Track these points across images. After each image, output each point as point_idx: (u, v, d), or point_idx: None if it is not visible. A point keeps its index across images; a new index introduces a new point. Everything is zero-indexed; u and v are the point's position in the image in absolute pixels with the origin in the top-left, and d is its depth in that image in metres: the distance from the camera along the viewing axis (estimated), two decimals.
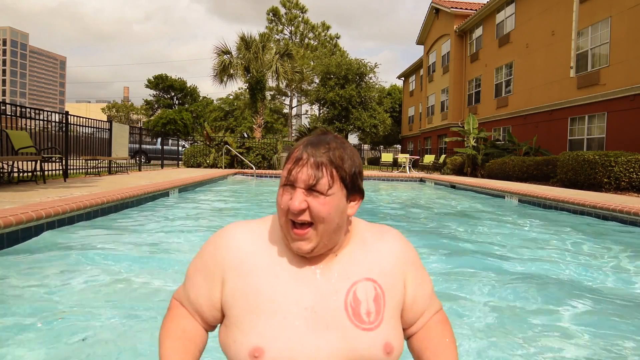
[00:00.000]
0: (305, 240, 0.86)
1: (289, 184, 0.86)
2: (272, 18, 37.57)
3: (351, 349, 0.85)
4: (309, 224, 0.86)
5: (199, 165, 18.38)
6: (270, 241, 0.93)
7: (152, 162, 22.73)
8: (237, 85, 59.86)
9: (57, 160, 8.87)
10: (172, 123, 27.76)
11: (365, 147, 37.16)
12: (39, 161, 7.18)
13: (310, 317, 0.85)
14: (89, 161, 10.58)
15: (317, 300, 0.87)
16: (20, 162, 7.52)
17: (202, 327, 0.97)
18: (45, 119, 8.49)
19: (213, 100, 47.17)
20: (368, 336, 0.86)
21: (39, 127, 8.47)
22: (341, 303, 0.88)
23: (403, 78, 38.03)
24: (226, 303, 0.90)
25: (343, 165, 0.87)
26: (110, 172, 11.49)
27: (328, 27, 39.04)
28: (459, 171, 17.88)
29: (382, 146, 40.48)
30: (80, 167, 10.10)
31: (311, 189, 0.84)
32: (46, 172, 8.04)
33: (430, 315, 1.02)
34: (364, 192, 0.95)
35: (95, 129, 10.80)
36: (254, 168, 15.71)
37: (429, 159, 22.59)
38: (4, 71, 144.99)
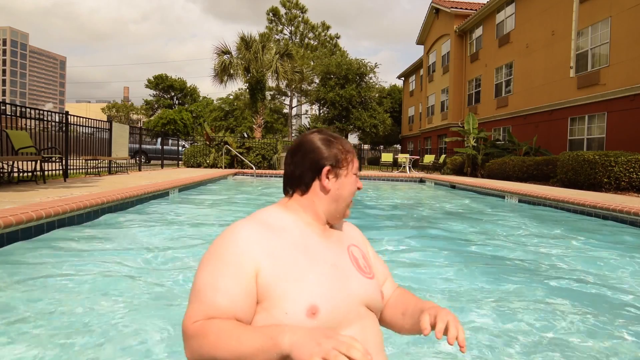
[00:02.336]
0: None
1: (355, 172, 1.15)
2: (272, 18, 37.54)
3: (365, 292, 1.06)
4: None
5: (199, 165, 18.38)
6: (282, 225, 1.06)
7: (152, 162, 22.72)
8: (237, 85, 59.90)
9: (57, 160, 8.87)
10: (172, 123, 27.79)
11: (365, 147, 37.15)
12: (39, 161, 7.18)
13: (335, 272, 1.03)
14: (89, 161, 10.58)
15: (334, 258, 1.06)
16: (20, 162, 7.51)
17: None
18: (45, 118, 8.49)
19: (213, 100, 47.16)
20: (371, 283, 1.10)
21: (39, 127, 8.47)
22: (347, 258, 1.10)
23: (403, 78, 38.02)
24: (267, 285, 0.94)
25: None
26: (110, 172, 11.49)
27: (328, 27, 39.02)
28: (459, 171, 17.88)
29: (382, 146, 40.48)
30: (80, 167, 10.10)
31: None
32: (46, 172, 8.04)
33: (394, 287, 1.28)
34: None
35: (95, 129, 10.80)
36: (254, 168, 15.71)
37: (429, 159, 22.59)
38: (4, 71, 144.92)
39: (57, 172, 9.02)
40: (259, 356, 0.82)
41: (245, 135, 29.72)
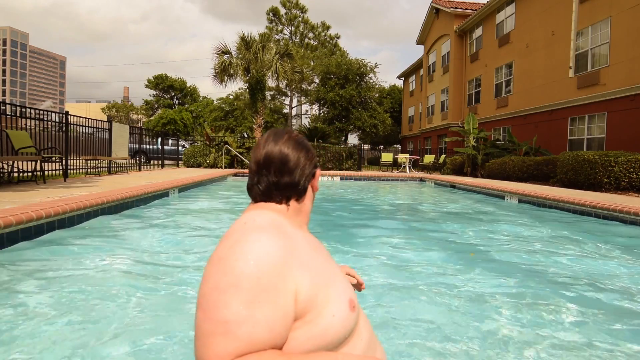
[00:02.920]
0: None
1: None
2: (272, 18, 37.53)
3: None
4: None
5: (199, 165, 18.38)
6: (286, 232, 0.97)
7: (152, 162, 22.72)
8: (237, 85, 59.88)
9: (57, 160, 8.87)
10: (172, 123, 27.78)
11: (365, 147, 37.14)
12: (39, 161, 7.18)
13: (337, 266, 1.09)
14: (89, 161, 10.58)
15: (329, 254, 1.12)
16: (20, 162, 7.51)
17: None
18: (45, 118, 8.49)
19: (213, 100, 47.16)
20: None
21: (39, 127, 8.47)
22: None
23: (403, 78, 38.02)
24: (310, 299, 0.87)
25: None
26: (110, 172, 11.49)
27: (328, 27, 39.00)
28: (459, 171, 17.88)
29: (382, 146, 40.47)
30: (80, 167, 10.10)
31: None
32: (46, 172, 8.04)
33: None
34: None
35: (95, 129, 10.80)
36: None
37: (429, 159, 22.59)
38: (4, 71, 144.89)
39: (57, 172, 9.03)
40: None
41: (245, 135, 29.72)
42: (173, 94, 50.79)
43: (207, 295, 0.83)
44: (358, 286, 1.41)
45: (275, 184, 1.04)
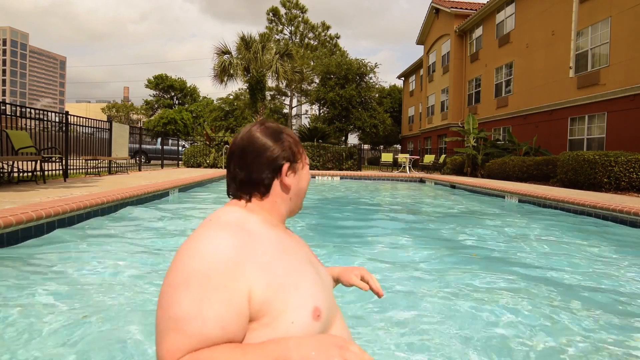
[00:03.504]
0: None
1: (308, 162, 1.12)
2: (272, 18, 37.53)
3: (330, 281, 1.14)
4: None
5: (199, 165, 18.38)
6: (252, 230, 0.95)
7: (152, 162, 22.72)
8: (237, 86, 59.88)
9: (57, 160, 8.87)
10: (172, 123, 27.77)
11: (365, 147, 37.15)
12: (39, 161, 7.18)
13: (313, 268, 1.02)
14: (89, 161, 10.58)
15: (308, 256, 1.07)
16: (20, 162, 7.51)
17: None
18: (45, 118, 8.49)
19: (213, 100, 47.17)
20: (327, 271, 1.18)
21: (39, 127, 8.47)
22: (312, 253, 1.13)
23: (403, 78, 38.02)
24: (264, 302, 0.85)
25: None
26: (110, 172, 11.49)
27: (328, 27, 39.00)
28: (459, 171, 17.88)
29: (382, 146, 40.46)
30: (80, 167, 10.10)
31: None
32: (46, 172, 8.04)
33: None
34: None
35: (95, 129, 10.80)
36: None
37: (429, 158, 22.59)
38: (4, 71, 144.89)
39: (57, 172, 9.03)
40: None
41: None
42: (173, 94, 50.81)
43: (163, 293, 0.84)
44: (376, 293, 1.24)
45: (233, 179, 1.03)
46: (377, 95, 29.49)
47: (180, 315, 0.79)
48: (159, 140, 24.03)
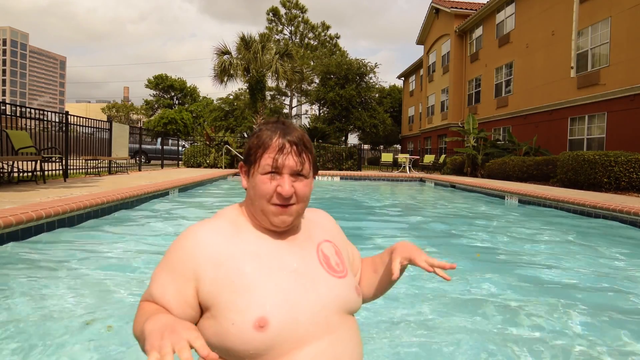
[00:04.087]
0: (288, 214, 0.97)
1: (275, 172, 0.95)
2: (272, 18, 37.53)
3: (337, 295, 0.97)
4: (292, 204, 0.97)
5: (199, 165, 18.38)
6: (237, 229, 1.00)
7: (152, 162, 22.72)
8: (237, 86, 59.84)
9: (57, 160, 8.87)
10: (172, 123, 27.77)
11: (365, 147, 37.15)
12: (39, 161, 7.18)
13: (297, 278, 0.94)
14: (89, 161, 10.58)
15: (297, 263, 0.97)
16: (20, 162, 7.51)
17: None
18: (45, 118, 8.49)
19: (213, 100, 47.17)
20: (344, 282, 1.01)
21: (39, 127, 8.47)
22: (315, 260, 1.00)
23: (403, 78, 38.03)
24: (210, 294, 0.91)
25: (312, 149, 1.01)
26: (110, 172, 11.49)
27: (328, 27, 39.00)
28: (459, 171, 17.88)
29: (382, 146, 40.46)
30: (80, 167, 10.10)
31: (297, 174, 0.96)
32: (46, 172, 8.04)
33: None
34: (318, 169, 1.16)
35: (95, 129, 10.80)
36: None
37: (429, 159, 22.59)
38: (4, 71, 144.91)
39: (57, 172, 9.03)
40: (142, 340, 0.81)
41: (245, 135, 29.70)
42: (173, 94, 50.82)
43: None
44: (444, 271, 1.04)
45: None
46: (377, 95, 29.49)
47: (152, 275, 0.99)
48: (159, 140, 24.04)
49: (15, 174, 7.34)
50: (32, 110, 8.06)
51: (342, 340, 0.93)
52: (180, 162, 20.30)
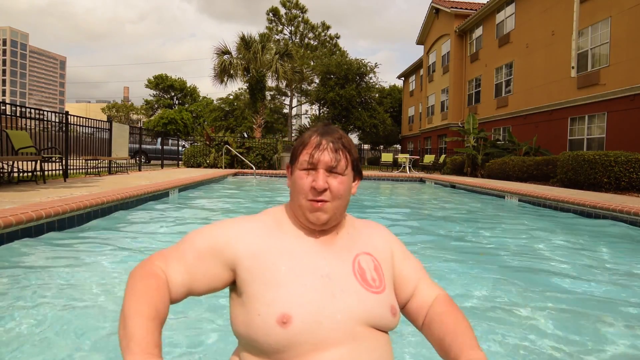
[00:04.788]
0: (323, 211, 0.98)
1: (311, 167, 0.98)
2: (272, 18, 37.51)
3: (365, 309, 0.94)
4: (326, 200, 0.98)
5: (199, 165, 18.38)
6: (279, 226, 1.04)
7: (152, 162, 22.72)
8: (237, 86, 59.86)
9: (57, 160, 8.87)
10: (172, 123, 27.77)
11: (365, 147, 37.15)
12: (39, 161, 7.18)
13: (327, 283, 0.94)
14: (89, 161, 10.58)
15: (330, 269, 0.97)
16: (20, 162, 7.51)
17: (169, 305, 0.95)
18: (45, 118, 8.49)
19: (213, 100, 47.16)
20: (377, 298, 0.97)
21: (39, 127, 8.47)
22: (350, 270, 0.99)
23: (403, 78, 38.03)
24: (243, 282, 0.95)
25: (352, 150, 1.03)
26: (110, 172, 11.49)
27: (328, 27, 38.98)
28: (459, 171, 17.88)
29: (382, 146, 40.47)
30: (80, 167, 10.10)
31: (331, 171, 0.98)
32: (46, 172, 8.04)
33: (432, 293, 1.09)
34: (362, 174, 1.11)
35: (95, 129, 10.80)
36: (254, 168, 15.71)
37: (429, 158, 22.59)
38: (4, 71, 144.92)
39: (57, 172, 9.03)
40: (122, 335, 0.81)
41: (245, 135, 29.71)
42: (173, 93, 50.81)
43: None
44: None
45: None
46: (377, 95, 29.48)
47: (186, 237, 1.03)
48: (159, 140, 24.04)
49: (15, 174, 7.34)
50: (32, 110, 8.06)
51: (367, 351, 0.91)
52: (180, 162, 20.30)
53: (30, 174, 7.55)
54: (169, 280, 0.95)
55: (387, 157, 23.52)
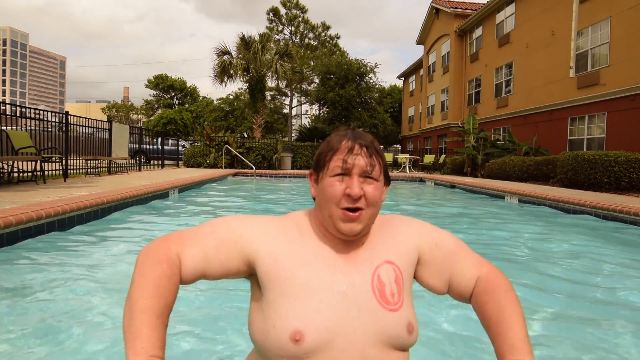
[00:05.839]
0: (357, 222, 0.92)
1: (344, 173, 0.92)
2: (273, 18, 37.52)
3: (381, 329, 0.90)
4: (361, 208, 0.92)
5: (199, 165, 18.38)
6: (301, 232, 0.99)
7: (152, 162, 22.72)
8: (237, 86, 59.85)
9: (57, 160, 8.87)
10: (172, 123, 27.78)
11: None
12: (39, 161, 7.18)
13: (343, 300, 0.90)
14: (89, 161, 10.58)
15: (348, 284, 0.92)
16: (20, 162, 7.51)
17: (177, 291, 0.91)
18: (45, 118, 8.49)
19: (213, 100, 47.15)
20: (394, 316, 0.92)
21: (39, 127, 8.47)
22: (369, 286, 0.93)
23: (403, 78, 38.03)
24: (262, 285, 0.93)
25: (383, 155, 0.98)
26: (110, 172, 11.49)
27: (328, 27, 38.98)
28: (459, 171, 17.88)
29: (382, 146, 40.47)
30: (80, 167, 10.10)
31: (366, 176, 0.93)
32: (46, 172, 8.04)
33: (471, 279, 1.03)
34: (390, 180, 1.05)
35: (95, 129, 10.80)
36: (254, 168, 15.71)
37: (429, 159, 22.60)
38: (4, 71, 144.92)
39: (57, 172, 9.03)
40: (125, 330, 0.79)
41: (245, 135, 29.70)
42: (173, 93, 50.76)
43: None
44: None
45: None
46: (377, 95, 29.47)
47: (208, 222, 1.01)
48: (159, 140, 24.04)
49: (15, 174, 7.34)
50: (32, 110, 8.06)
51: None
52: (180, 162, 20.30)
53: (30, 174, 7.55)
54: (183, 265, 0.92)
55: (387, 157, 23.52)
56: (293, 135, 35.15)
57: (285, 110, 37.70)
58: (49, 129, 9.12)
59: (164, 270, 0.88)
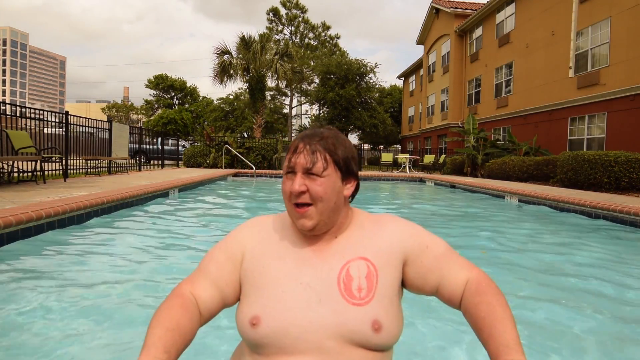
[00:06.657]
0: (307, 217, 0.97)
1: (290, 171, 0.98)
2: (272, 18, 37.51)
3: (340, 322, 0.90)
4: (309, 204, 0.97)
5: (199, 165, 18.38)
6: (282, 230, 1.06)
7: (152, 162, 22.72)
8: (237, 86, 59.85)
9: (57, 160, 8.87)
10: (172, 123, 27.81)
11: (366, 147, 37.13)
12: (39, 161, 7.18)
13: (304, 291, 0.94)
14: (89, 161, 10.58)
15: (313, 276, 0.96)
16: (20, 162, 7.51)
17: (198, 322, 0.95)
18: (45, 118, 8.49)
19: (213, 100, 47.14)
20: (357, 311, 0.91)
21: (39, 127, 8.47)
22: (334, 279, 0.95)
23: (403, 78, 38.03)
24: (241, 280, 1.01)
25: (336, 150, 0.99)
26: (110, 172, 11.49)
27: (328, 27, 38.98)
28: (459, 171, 17.88)
29: (382, 146, 40.46)
30: (80, 167, 10.10)
31: (308, 173, 0.96)
32: (46, 172, 8.04)
33: (460, 281, 1.02)
34: (358, 175, 1.07)
35: (95, 129, 10.80)
36: (254, 168, 15.70)
37: (429, 159, 22.59)
38: (4, 71, 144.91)
39: (57, 172, 9.03)
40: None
41: (245, 135, 29.71)
42: (173, 93, 50.74)
43: None
44: None
45: None
46: (377, 95, 29.46)
47: (207, 256, 1.07)
48: (159, 140, 24.04)
49: (15, 174, 7.34)
50: (32, 110, 8.06)
51: None
52: (180, 162, 20.30)
53: (30, 174, 7.55)
54: (198, 298, 0.98)
55: (387, 157, 23.52)
56: (293, 135, 35.13)
57: (285, 110, 37.70)
58: (49, 130, 9.13)
59: (177, 301, 0.95)
